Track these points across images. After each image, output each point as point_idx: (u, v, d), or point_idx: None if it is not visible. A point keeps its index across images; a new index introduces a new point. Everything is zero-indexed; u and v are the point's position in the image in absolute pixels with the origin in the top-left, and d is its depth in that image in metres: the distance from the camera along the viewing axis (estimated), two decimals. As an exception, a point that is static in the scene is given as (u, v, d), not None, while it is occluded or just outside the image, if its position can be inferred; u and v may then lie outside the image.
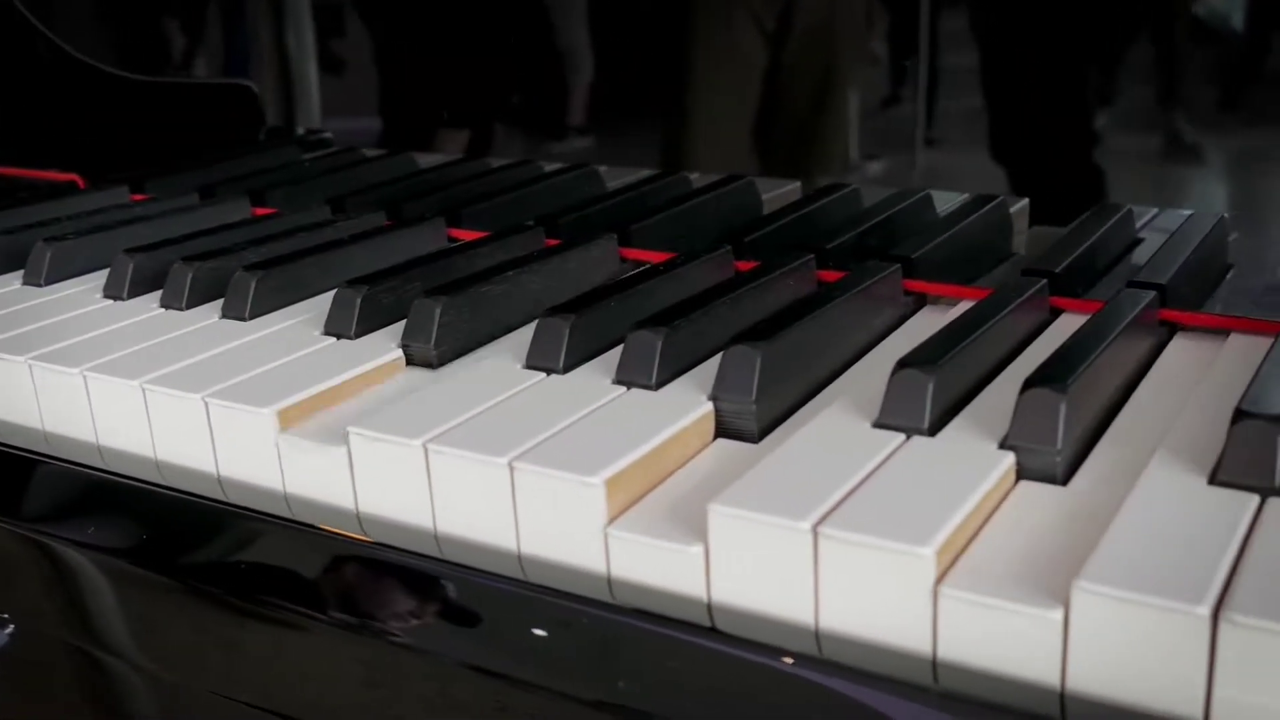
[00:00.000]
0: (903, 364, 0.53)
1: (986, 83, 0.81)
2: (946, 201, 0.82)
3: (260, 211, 0.93)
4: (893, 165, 0.87)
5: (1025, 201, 0.85)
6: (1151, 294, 0.62)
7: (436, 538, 0.53)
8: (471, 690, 0.49)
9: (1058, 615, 0.40)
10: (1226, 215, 0.76)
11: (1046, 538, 0.44)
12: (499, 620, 0.49)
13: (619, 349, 0.60)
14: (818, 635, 0.45)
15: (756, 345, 0.55)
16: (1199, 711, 0.39)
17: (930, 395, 0.51)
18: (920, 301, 0.70)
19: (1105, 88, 0.78)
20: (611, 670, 0.46)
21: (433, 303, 0.64)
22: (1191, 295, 0.65)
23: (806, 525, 0.44)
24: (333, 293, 0.68)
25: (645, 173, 0.95)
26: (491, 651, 0.49)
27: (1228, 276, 0.74)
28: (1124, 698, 0.40)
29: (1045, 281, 0.66)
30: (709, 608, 0.47)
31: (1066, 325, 0.64)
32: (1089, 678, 0.40)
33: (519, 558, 0.51)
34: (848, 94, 0.87)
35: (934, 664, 0.43)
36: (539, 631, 0.47)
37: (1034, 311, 0.64)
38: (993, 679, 0.41)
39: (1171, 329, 0.64)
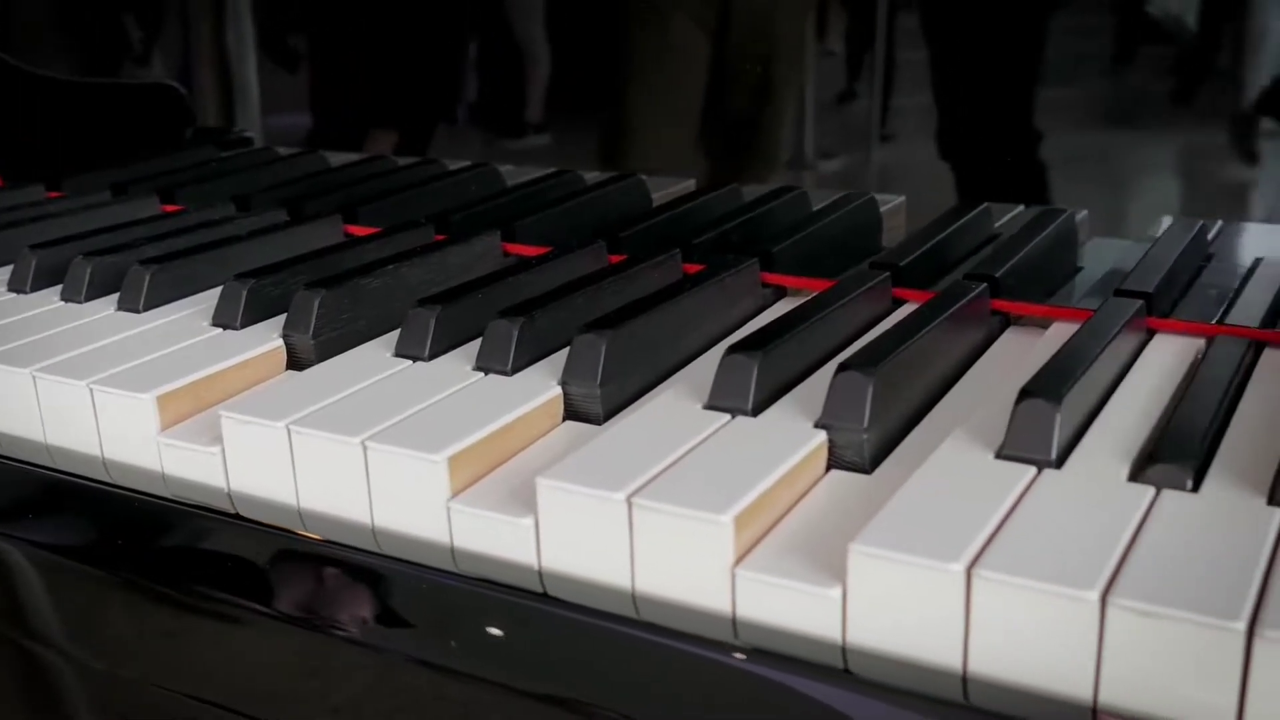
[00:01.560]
0: (731, 350, 0.56)
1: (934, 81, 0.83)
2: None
3: (168, 208, 0.96)
4: (849, 164, 0.89)
5: (901, 199, 0.89)
6: (982, 286, 0.66)
7: (300, 513, 0.56)
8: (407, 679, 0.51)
9: (836, 590, 0.43)
10: (1076, 211, 0.80)
11: (852, 515, 0.48)
12: (431, 613, 0.51)
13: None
14: (635, 599, 0.48)
15: (602, 333, 0.59)
16: (958, 661, 0.42)
17: (755, 378, 0.55)
18: (780, 293, 0.74)
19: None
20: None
21: (312, 294, 0.67)
22: (1031, 288, 0.69)
23: (621, 496, 0.48)
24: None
25: (541, 171, 0.98)
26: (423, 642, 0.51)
27: (1080, 272, 0.78)
28: (899, 652, 0.43)
29: (888, 274, 0.69)
30: (540, 575, 0.50)
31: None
32: (867, 634, 0.44)
33: (373, 531, 0.54)
34: (792, 93, 0.89)
35: (734, 624, 0.46)
36: (484, 626, 0.50)
37: (875, 302, 0.68)
38: (787, 636, 0.45)
39: (1006, 320, 0.68)
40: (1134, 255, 0.70)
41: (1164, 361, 0.59)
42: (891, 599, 0.43)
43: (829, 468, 0.52)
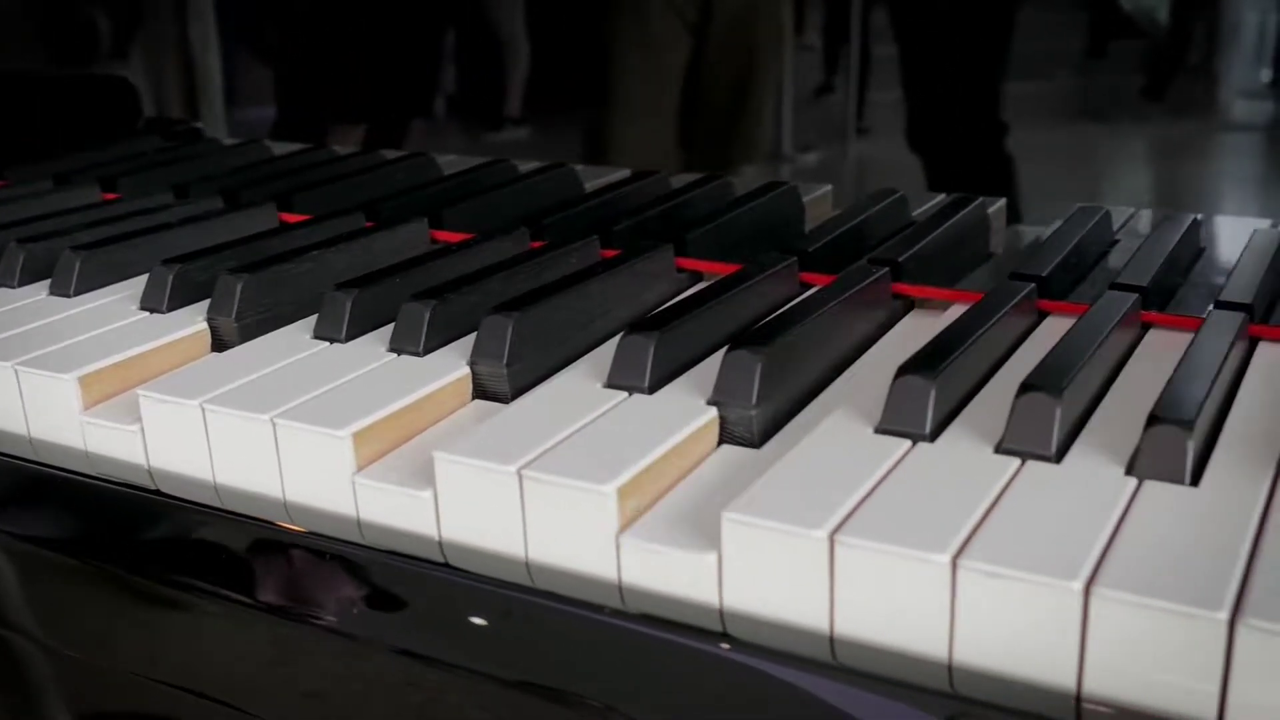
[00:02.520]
0: (630, 330, 0.58)
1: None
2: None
3: (109, 196, 0.97)
4: (826, 156, 0.89)
5: (828, 188, 0.91)
6: (884, 270, 0.68)
7: (216, 489, 0.58)
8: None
9: (712, 556, 0.45)
10: (988, 200, 0.82)
11: (737, 487, 0.49)
12: (412, 598, 0.52)
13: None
14: (529, 567, 0.50)
15: (510, 314, 0.60)
16: (825, 622, 0.44)
17: (651, 357, 0.57)
18: (697, 278, 0.76)
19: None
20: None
21: (235, 279, 0.69)
22: (935, 273, 0.71)
23: (513, 469, 0.49)
24: (156, 271, 0.72)
25: (475, 160, 1.00)
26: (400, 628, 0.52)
27: (992, 257, 0.80)
28: (772, 615, 0.45)
29: (794, 259, 0.71)
30: (440, 545, 0.52)
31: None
32: (742, 598, 0.46)
33: (284, 505, 0.56)
34: (771, 85, 0.89)
35: (620, 590, 0.48)
36: (466, 614, 0.50)
37: (781, 285, 0.69)
38: (669, 600, 0.47)
39: (909, 303, 0.70)
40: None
41: (1050, 341, 0.61)
42: (762, 565, 0.45)
43: (720, 442, 0.54)
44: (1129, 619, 0.39)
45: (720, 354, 0.57)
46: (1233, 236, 0.76)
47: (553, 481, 0.48)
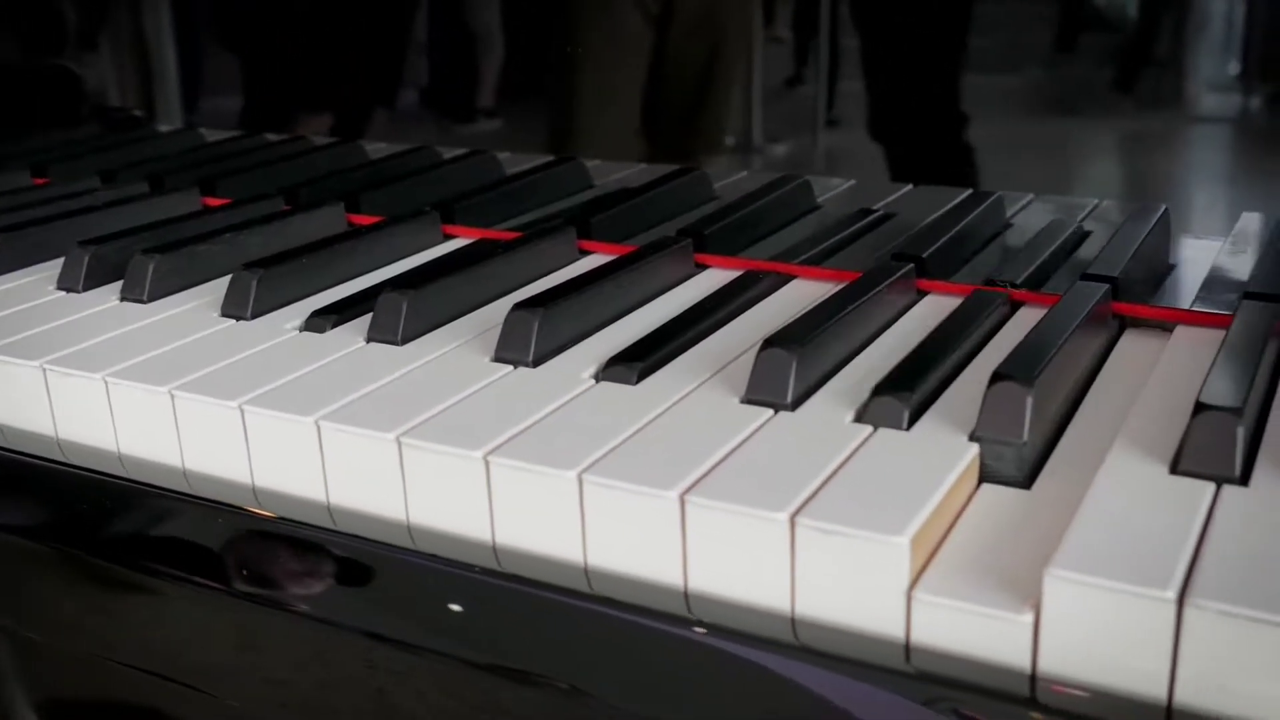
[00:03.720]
0: (515, 307, 0.60)
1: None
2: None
3: (39, 181, 0.98)
4: (796, 147, 0.89)
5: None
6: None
7: (120, 458, 0.59)
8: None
9: (571, 476, 0.47)
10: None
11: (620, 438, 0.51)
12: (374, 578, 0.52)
13: (308, 299, 0.69)
14: (409, 529, 0.52)
15: (405, 292, 0.62)
16: (679, 579, 0.46)
17: (535, 331, 0.59)
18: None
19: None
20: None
21: (147, 259, 0.70)
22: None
23: (391, 436, 0.51)
24: (75, 252, 0.74)
25: (401, 147, 1.02)
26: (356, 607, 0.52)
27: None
28: (630, 571, 0.47)
29: (689, 240, 0.73)
30: (329, 510, 0.54)
31: (711, 278, 0.72)
32: (604, 554, 0.48)
33: (184, 473, 0.58)
34: (740, 76, 0.89)
35: (494, 550, 0.50)
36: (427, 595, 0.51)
37: (677, 265, 0.72)
38: (531, 558, 0.49)
39: (780, 279, 0.72)
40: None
41: (929, 314, 0.64)
42: (619, 525, 0.47)
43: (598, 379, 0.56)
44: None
45: (620, 329, 0.59)
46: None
47: (430, 448, 0.50)
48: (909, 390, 0.51)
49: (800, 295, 0.68)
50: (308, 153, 1.02)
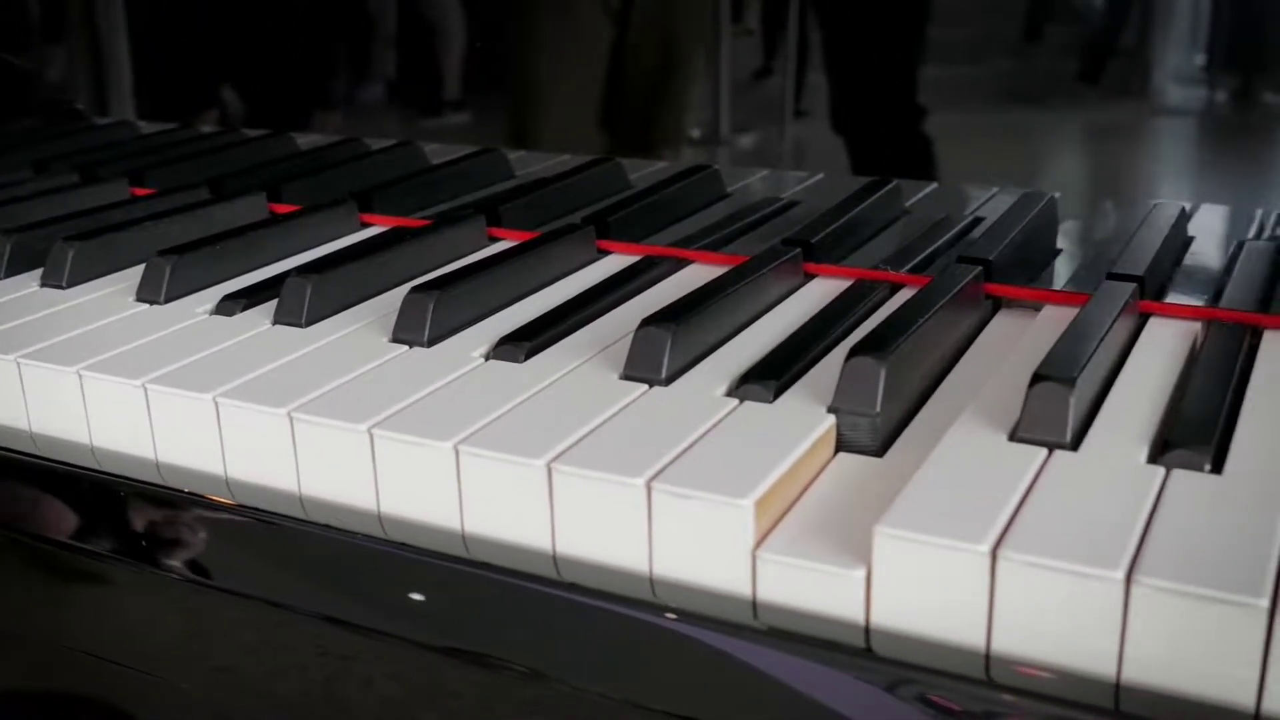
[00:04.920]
0: (412, 290, 0.62)
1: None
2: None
3: (-29, 173, 1.00)
4: (764, 139, 0.89)
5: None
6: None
7: (32, 438, 0.61)
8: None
9: (447, 447, 0.50)
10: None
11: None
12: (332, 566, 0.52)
13: (222, 284, 0.71)
14: (300, 500, 0.54)
15: (309, 277, 0.64)
16: (548, 543, 0.49)
17: (431, 313, 0.61)
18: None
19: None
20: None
21: (67, 246, 0.72)
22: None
23: (283, 412, 0.53)
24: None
25: (333, 139, 1.03)
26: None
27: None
28: (505, 536, 0.50)
29: (591, 226, 0.75)
30: (227, 482, 0.56)
31: (612, 263, 0.74)
32: (480, 521, 0.50)
33: (92, 450, 0.59)
34: (704, 70, 0.89)
35: (379, 518, 0.52)
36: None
37: (578, 251, 0.74)
38: (413, 526, 0.51)
39: (678, 264, 0.75)
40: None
41: (814, 295, 0.66)
42: (488, 490, 0.49)
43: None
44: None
45: (518, 311, 0.61)
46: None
47: (320, 423, 0.52)
48: (776, 365, 0.53)
49: (696, 279, 0.71)
50: (237, 145, 1.04)
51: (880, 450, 0.51)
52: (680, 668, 0.45)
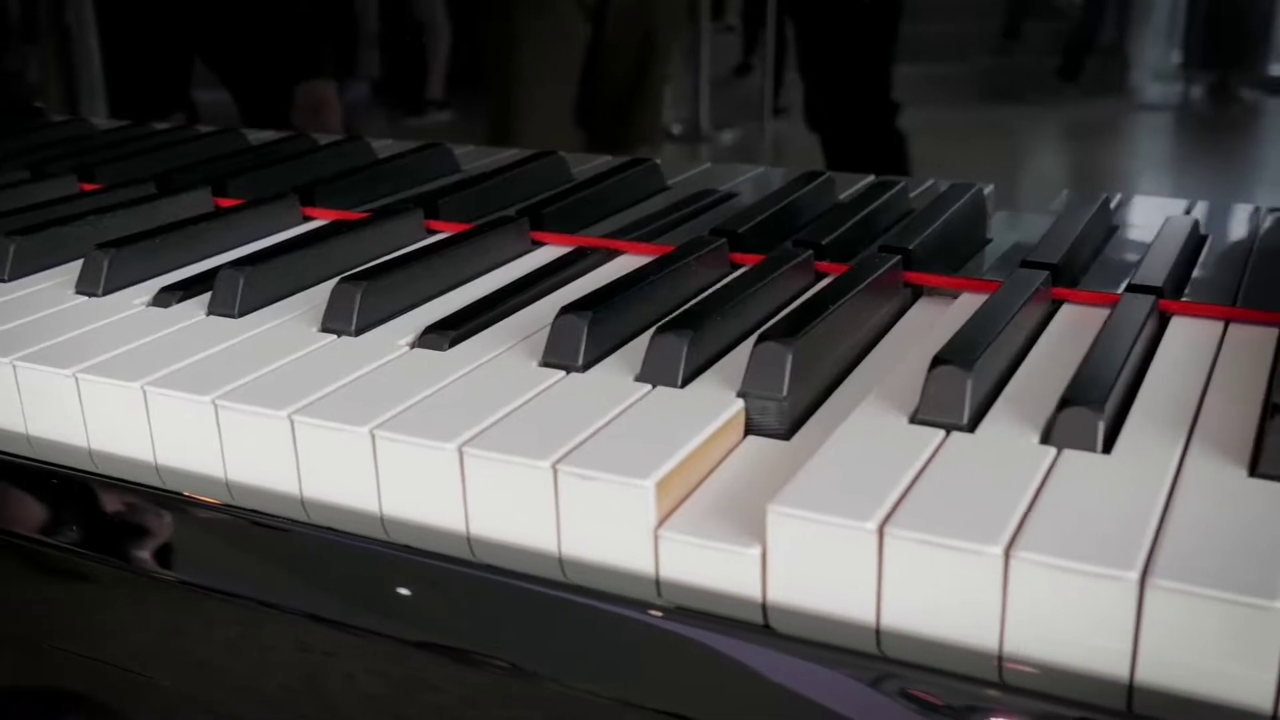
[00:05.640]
0: (341, 280, 0.63)
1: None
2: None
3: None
4: (744, 135, 0.90)
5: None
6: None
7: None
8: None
9: (364, 432, 0.51)
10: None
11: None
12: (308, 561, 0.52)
13: (161, 277, 0.71)
14: (227, 485, 0.54)
15: (242, 269, 0.65)
16: (461, 525, 0.49)
17: (358, 303, 0.62)
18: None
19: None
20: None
21: (8, 241, 0.73)
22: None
23: (208, 399, 0.54)
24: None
25: (281, 134, 1.04)
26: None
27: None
28: (420, 519, 0.51)
29: (526, 219, 0.76)
30: (156, 469, 0.56)
31: (544, 254, 0.75)
32: (398, 504, 0.51)
33: (28, 439, 0.60)
34: (685, 66, 0.89)
35: (303, 504, 0.53)
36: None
37: (511, 242, 0.75)
38: (335, 509, 0.52)
39: (609, 255, 0.75)
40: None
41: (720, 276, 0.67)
42: (406, 473, 0.50)
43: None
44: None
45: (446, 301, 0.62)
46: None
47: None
48: (688, 351, 0.54)
49: (625, 269, 0.71)
50: (187, 141, 1.04)
51: (788, 433, 0.52)
52: (590, 645, 0.45)
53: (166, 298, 0.67)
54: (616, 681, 0.45)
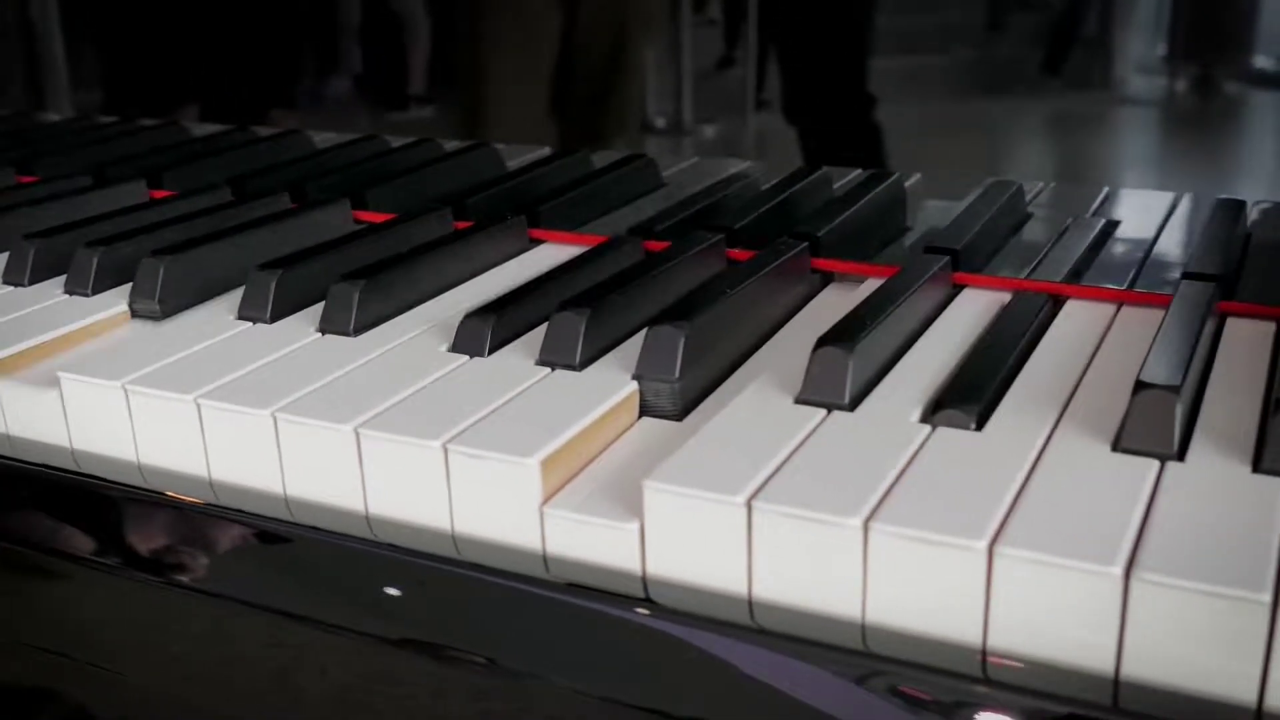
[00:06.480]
0: (259, 267, 0.64)
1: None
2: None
3: None
4: (727, 129, 0.90)
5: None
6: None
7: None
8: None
9: (265, 415, 0.51)
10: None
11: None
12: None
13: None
14: (139, 468, 0.56)
15: (161, 258, 0.66)
16: (360, 505, 0.50)
17: (273, 290, 0.63)
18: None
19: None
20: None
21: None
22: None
23: (118, 384, 0.55)
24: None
25: (220, 128, 1.05)
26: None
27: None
28: (322, 500, 0.52)
29: (448, 210, 0.77)
30: (72, 454, 0.57)
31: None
32: (301, 485, 0.52)
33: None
34: (668, 59, 0.89)
35: (211, 485, 0.54)
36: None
37: (435, 231, 0.76)
38: (241, 491, 0.53)
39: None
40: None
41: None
42: (308, 454, 0.51)
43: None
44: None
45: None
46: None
47: (147, 392, 0.54)
48: (586, 330, 0.55)
49: (542, 258, 0.73)
50: (130, 134, 1.05)
51: (681, 415, 0.53)
52: (482, 617, 0.47)
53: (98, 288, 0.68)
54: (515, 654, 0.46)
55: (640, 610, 0.44)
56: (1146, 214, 0.76)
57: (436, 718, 0.48)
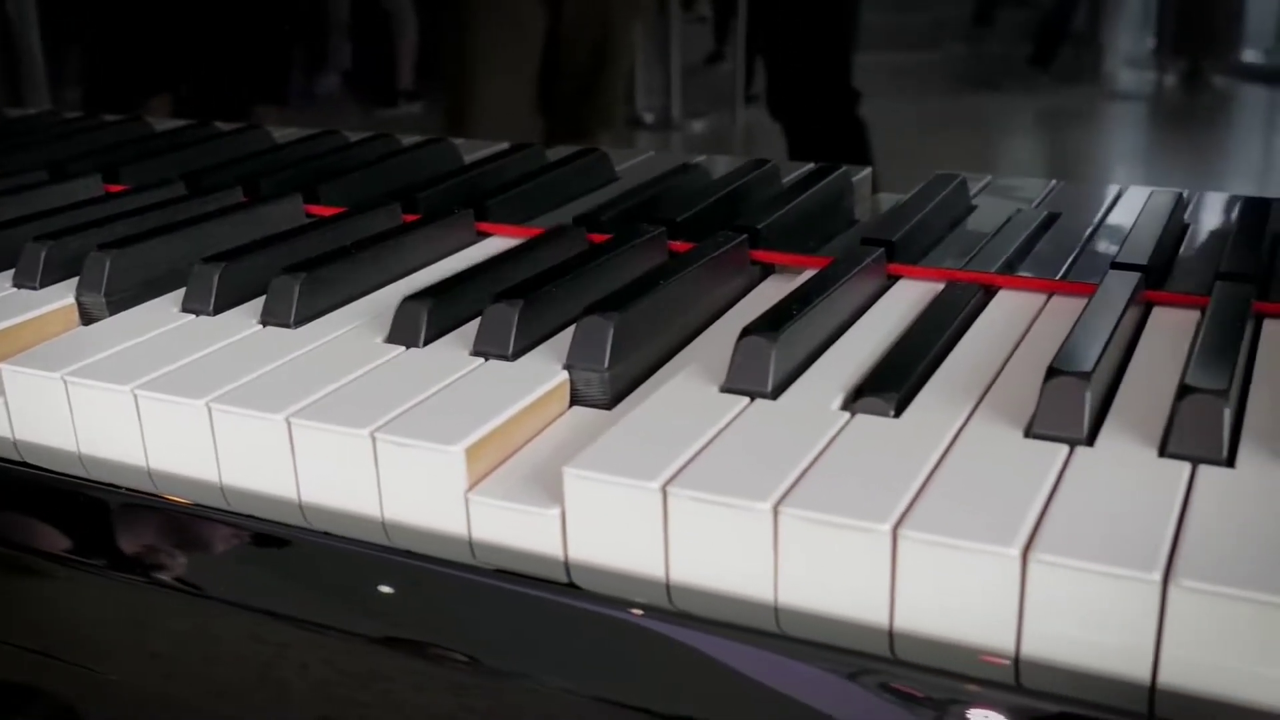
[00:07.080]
0: (202, 261, 0.64)
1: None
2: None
3: None
4: (715, 123, 0.89)
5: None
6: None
7: None
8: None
9: (200, 405, 0.52)
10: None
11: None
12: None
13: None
14: (80, 458, 0.56)
15: (108, 251, 0.67)
16: (294, 494, 0.51)
17: (216, 283, 0.63)
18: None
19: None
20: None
21: None
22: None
23: (58, 375, 0.56)
24: None
25: (180, 124, 1.05)
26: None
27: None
28: (255, 488, 0.52)
29: (397, 204, 0.78)
30: (15, 443, 0.58)
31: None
32: (236, 475, 0.53)
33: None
34: (651, 56, 0.89)
35: (149, 474, 0.54)
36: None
37: (384, 225, 0.76)
38: (181, 480, 0.54)
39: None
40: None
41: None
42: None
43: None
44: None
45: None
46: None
47: (91, 385, 0.55)
48: (519, 321, 0.56)
49: (488, 250, 0.73)
50: (89, 130, 1.06)
51: (611, 404, 0.54)
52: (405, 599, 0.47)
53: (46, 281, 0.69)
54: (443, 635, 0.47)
55: (634, 611, 0.44)
56: (1091, 207, 0.77)
57: (419, 709, 0.49)
